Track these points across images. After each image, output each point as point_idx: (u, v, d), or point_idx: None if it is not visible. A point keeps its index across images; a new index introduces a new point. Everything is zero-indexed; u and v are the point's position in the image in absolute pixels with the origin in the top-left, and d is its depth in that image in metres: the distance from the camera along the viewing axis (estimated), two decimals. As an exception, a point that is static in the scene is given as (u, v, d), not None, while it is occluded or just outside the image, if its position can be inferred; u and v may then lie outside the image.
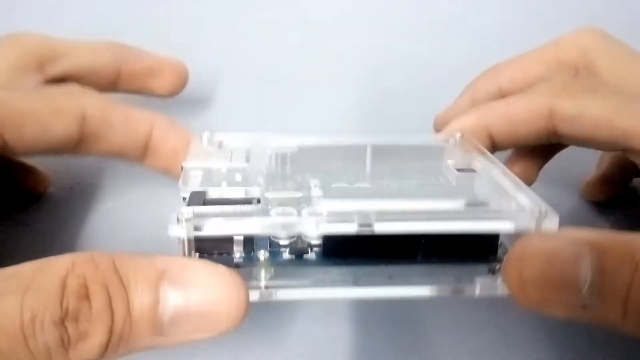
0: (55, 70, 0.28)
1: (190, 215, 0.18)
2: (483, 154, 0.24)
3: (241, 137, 0.25)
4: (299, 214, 0.18)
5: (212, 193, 0.20)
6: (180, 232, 0.18)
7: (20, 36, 0.28)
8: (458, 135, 0.26)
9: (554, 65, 0.28)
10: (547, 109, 0.25)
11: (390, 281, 0.19)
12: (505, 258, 0.18)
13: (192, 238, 0.18)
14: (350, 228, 0.17)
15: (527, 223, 0.18)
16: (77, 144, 0.25)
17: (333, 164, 0.25)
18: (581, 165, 0.33)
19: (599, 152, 0.33)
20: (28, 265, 0.17)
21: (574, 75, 0.27)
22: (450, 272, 0.20)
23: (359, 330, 0.28)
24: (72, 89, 0.27)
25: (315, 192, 0.21)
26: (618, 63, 0.27)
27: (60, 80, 0.28)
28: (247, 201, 0.20)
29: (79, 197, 0.32)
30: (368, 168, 0.25)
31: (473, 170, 0.24)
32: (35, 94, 0.25)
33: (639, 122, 0.23)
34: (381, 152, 0.25)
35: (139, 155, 0.27)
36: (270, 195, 0.20)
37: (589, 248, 0.17)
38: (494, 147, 0.27)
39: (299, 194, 0.20)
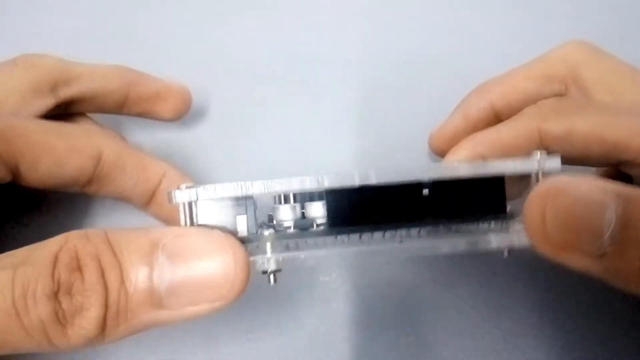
0: (67, 92, 0.28)
1: (191, 183, 0.18)
2: None
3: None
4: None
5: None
6: (181, 197, 0.18)
7: (35, 58, 0.28)
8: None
9: (543, 81, 0.28)
10: (536, 133, 0.25)
11: (401, 244, 0.19)
12: (525, 200, 0.18)
13: (194, 202, 0.18)
14: (352, 180, 0.18)
15: (530, 164, 0.19)
16: (87, 184, 0.26)
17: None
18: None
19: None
20: (25, 247, 0.17)
21: (560, 97, 0.28)
22: (461, 230, 0.20)
23: (359, 330, 0.28)
24: (92, 128, 0.28)
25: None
26: (606, 76, 0.27)
27: (71, 102, 0.28)
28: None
29: (79, 197, 0.32)
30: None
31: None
32: (55, 128, 0.25)
33: (628, 133, 0.23)
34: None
35: (145, 202, 0.27)
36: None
37: (615, 195, 0.17)
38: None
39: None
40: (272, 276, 0.19)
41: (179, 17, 0.35)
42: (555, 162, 0.19)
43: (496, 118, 0.28)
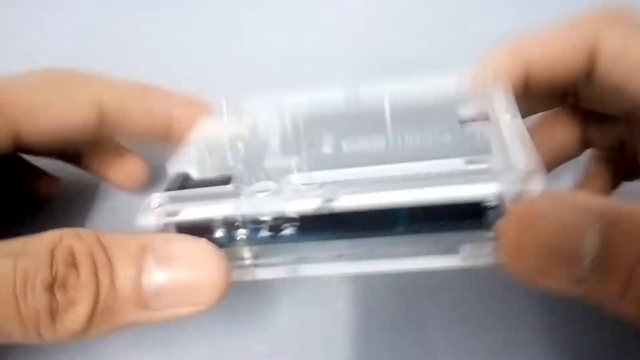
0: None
1: (156, 205, 0.18)
2: (505, 99, 0.22)
3: (259, 101, 0.25)
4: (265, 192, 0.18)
5: (195, 172, 0.20)
6: (147, 221, 0.18)
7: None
8: (487, 74, 0.23)
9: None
10: (590, 45, 0.23)
11: (371, 254, 0.19)
12: (501, 221, 0.17)
13: (161, 226, 0.18)
14: (311, 206, 0.17)
15: (508, 186, 0.16)
16: (95, 134, 0.25)
17: (349, 121, 0.24)
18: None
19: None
20: (16, 239, 0.17)
21: (620, 8, 0.24)
22: (435, 241, 0.18)
23: (359, 330, 0.28)
24: (86, 78, 0.27)
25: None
26: None
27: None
28: (224, 181, 0.19)
29: (79, 197, 0.32)
30: (387, 123, 0.23)
31: (478, 121, 0.21)
32: (50, 86, 0.25)
33: None
34: (398, 107, 0.23)
35: (162, 136, 0.27)
36: (268, 163, 0.20)
37: (598, 219, 0.15)
38: (526, 88, 0.25)
39: (292, 162, 0.20)
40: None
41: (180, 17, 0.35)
42: (537, 185, 0.16)
43: (524, 86, 0.25)
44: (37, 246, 0.17)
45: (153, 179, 0.30)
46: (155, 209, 0.18)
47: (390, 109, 0.23)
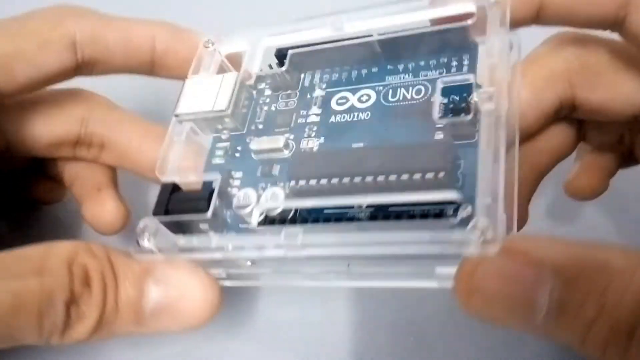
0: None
1: (147, 237, 0.19)
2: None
3: (246, 40, 0.24)
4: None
5: (181, 178, 0.21)
6: (141, 258, 0.19)
7: None
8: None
9: None
10: None
11: (349, 269, 0.19)
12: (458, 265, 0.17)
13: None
14: (278, 254, 0.18)
15: (467, 249, 0.16)
16: (75, 71, 0.24)
17: (338, 63, 0.23)
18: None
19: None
20: (32, 249, 0.18)
21: None
22: (410, 263, 0.18)
23: (359, 330, 0.28)
24: (57, 14, 0.24)
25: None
26: None
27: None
28: (206, 198, 0.20)
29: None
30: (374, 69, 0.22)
31: (463, 118, 0.19)
32: (18, 31, 0.23)
33: None
34: (391, 46, 0.22)
35: (147, 70, 0.25)
36: (254, 145, 0.21)
37: (553, 275, 0.15)
38: (539, 18, 0.22)
39: (280, 142, 0.21)
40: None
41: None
42: (493, 249, 0.15)
43: (534, 19, 0.22)
44: (56, 263, 0.18)
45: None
46: (147, 244, 0.19)
47: (381, 49, 0.22)
